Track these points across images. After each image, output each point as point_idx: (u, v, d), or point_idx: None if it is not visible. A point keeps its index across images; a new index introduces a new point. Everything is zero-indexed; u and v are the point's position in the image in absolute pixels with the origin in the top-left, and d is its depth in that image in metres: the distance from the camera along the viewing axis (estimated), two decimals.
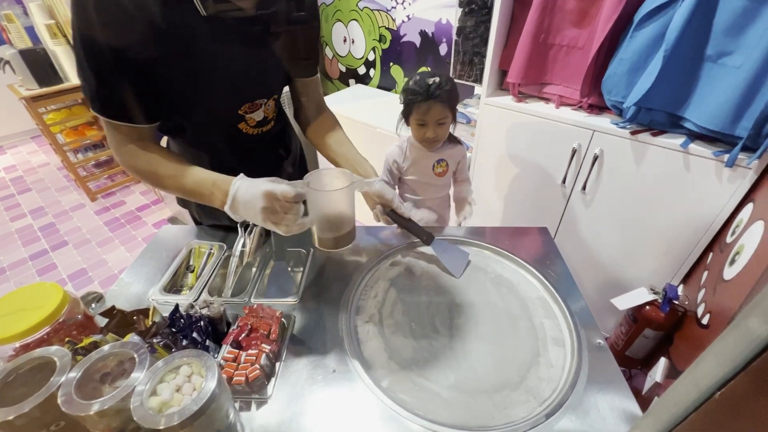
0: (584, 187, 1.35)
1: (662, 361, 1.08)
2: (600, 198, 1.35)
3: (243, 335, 0.69)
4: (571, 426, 0.61)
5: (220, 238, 1.02)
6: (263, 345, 0.67)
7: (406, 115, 1.13)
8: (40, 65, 2.44)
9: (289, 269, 0.95)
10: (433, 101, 1.03)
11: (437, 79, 1.03)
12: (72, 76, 2.55)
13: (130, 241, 2.45)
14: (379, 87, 2.40)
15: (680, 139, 1.13)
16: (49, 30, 2.42)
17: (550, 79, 1.36)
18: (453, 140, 1.21)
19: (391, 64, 2.24)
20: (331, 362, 0.71)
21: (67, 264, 2.29)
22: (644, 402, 1.04)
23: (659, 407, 0.35)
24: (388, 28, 2.13)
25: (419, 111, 1.06)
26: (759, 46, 0.94)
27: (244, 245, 0.92)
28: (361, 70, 2.43)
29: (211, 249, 0.99)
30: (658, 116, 1.16)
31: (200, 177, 0.73)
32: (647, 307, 1.17)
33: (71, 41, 0.65)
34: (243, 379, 0.62)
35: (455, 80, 1.79)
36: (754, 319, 0.27)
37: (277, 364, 0.70)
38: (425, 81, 1.03)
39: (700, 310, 1.02)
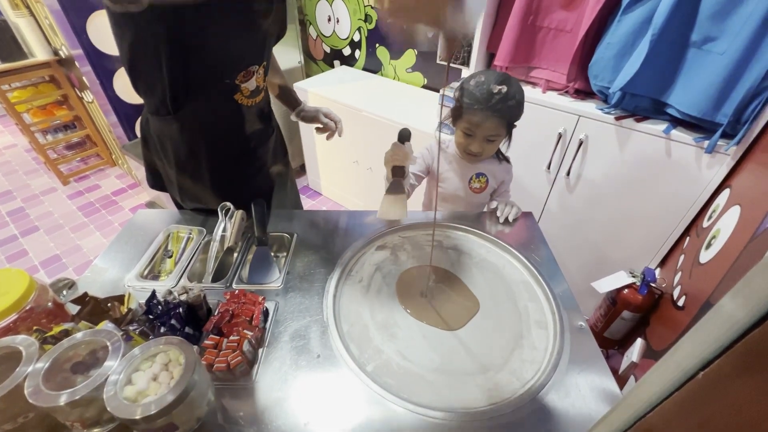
0: (568, 173, 1.36)
1: (639, 342, 1.11)
2: (583, 183, 1.36)
3: (224, 321, 0.67)
4: (552, 405, 0.62)
5: (200, 222, 0.98)
6: (245, 331, 0.65)
7: (455, 116, 0.95)
8: (1, 39, 2.27)
9: (272, 254, 0.93)
10: (490, 114, 0.86)
11: (504, 89, 0.84)
12: (38, 52, 2.39)
13: (106, 226, 2.36)
14: (364, 69, 2.34)
15: (663, 125, 1.14)
16: (9, 0, 2.25)
17: (538, 62, 1.35)
18: (500, 156, 1.05)
19: (377, 45, 2.18)
20: (315, 347, 0.70)
21: (39, 250, 2.19)
22: (620, 381, 1.08)
23: (642, 386, 0.36)
24: (374, 8, 2.07)
25: (471, 120, 0.89)
26: (742, 33, 0.95)
27: (224, 230, 0.89)
28: (346, 51, 2.36)
29: (190, 233, 0.95)
30: (642, 102, 1.17)
31: None
32: (626, 290, 1.20)
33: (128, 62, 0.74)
34: (224, 365, 0.61)
35: (442, 63, 1.76)
36: (735, 304, 0.28)
37: (260, 350, 0.68)
38: (490, 88, 0.84)
39: (676, 293, 1.05)
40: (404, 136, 0.86)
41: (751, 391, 0.27)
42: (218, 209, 0.91)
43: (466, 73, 1.75)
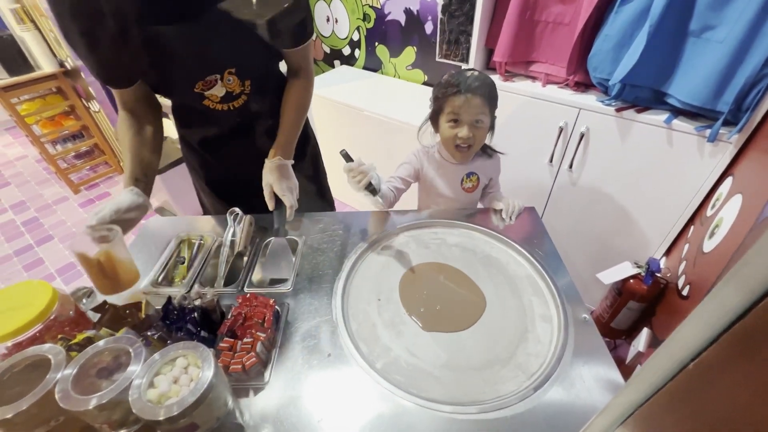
0: (571, 165, 1.36)
1: (645, 332, 1.12)
2: (586, 175, 1.37)
3: (237, 324, 0.70)
4: (557, 397, 0.64)
5: (210, 228, 1.01)
6: (258, 333, 0.68)
7: (435, 114, 0.97)
8: (8, 53, 2.31)
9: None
10: (471, 94, 0.88)
11: (476, 72, 0.91)
12: (44, 64, 2.44)
13: None
14: (365, 68, 2.35)
15: (664, 116, 1.14)
16: (15, 15, 2.29)
17: (537, 57, 1.35)
18: (487, 151, 1.07)
19: (377, 44, 2.19)
20: (326, 347, 0.72)
21: (55, 259, 2.25)
22: (628, 370, 1.09)
23: (638, 378, 0.37)
24: (372, 7, 2.07)
25: (453, 104, 0.90)
26: (741, 20, 0.94)
27: (234, 234, 0.92)
28: (346, 51, 2.37)
29: (201, 239, 0.98)
30: (642, 93, 1.17)
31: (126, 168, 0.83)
32: (631, 280, 1.21)
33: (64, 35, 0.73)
34: (240, 367, 0.63)
35: (442, 60, 1.77)
36: (729, 290, 0.28)
37: (273, 351, 0.71)
38: (463, 73, 0.91)
39: (681, 282, 1.06)
40: (347, 156, 0.87)
41: (741, 380, 0.28)
42: (227, 215, 0.94)
43: None
